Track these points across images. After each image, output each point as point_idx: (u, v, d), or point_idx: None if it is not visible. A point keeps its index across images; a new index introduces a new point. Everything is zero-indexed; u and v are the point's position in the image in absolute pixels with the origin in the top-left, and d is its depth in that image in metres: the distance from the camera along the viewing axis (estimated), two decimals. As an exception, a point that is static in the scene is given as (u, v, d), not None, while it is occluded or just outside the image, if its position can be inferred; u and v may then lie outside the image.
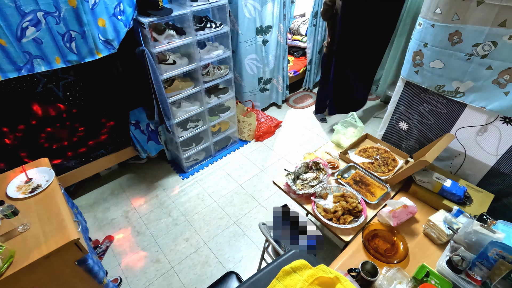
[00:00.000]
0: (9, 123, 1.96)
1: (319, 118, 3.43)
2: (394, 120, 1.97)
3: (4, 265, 1.15)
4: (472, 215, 1.35)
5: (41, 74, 1.92)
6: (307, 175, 1.68)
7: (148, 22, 1.88)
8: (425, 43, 1.55)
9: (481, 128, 1.56)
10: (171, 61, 2.18)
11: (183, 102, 2.45)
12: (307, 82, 3.91)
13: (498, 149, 1.54)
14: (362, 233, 1.35)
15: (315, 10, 3.32)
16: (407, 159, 1.81)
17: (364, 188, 1.61)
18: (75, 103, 2.15)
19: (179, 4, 2.13)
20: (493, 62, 1.37)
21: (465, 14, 1.35)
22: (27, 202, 1.44)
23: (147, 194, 2.59)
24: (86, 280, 1.45)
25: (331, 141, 2.01)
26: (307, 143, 3.12)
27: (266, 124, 3.19)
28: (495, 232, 1.12)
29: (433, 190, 1.52)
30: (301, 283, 0.89)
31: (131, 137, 2.52)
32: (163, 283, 1.95)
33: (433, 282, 1.12)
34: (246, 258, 2.08)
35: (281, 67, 3.38)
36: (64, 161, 2.29)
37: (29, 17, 1.56)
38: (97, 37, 1.81)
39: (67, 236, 1.27)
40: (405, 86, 1.79)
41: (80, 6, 1.65)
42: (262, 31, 2.94)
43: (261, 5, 2.76)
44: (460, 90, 1.53)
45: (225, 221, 2.33)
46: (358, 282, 1.14)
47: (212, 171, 2.81)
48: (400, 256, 1.28)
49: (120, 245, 2.19)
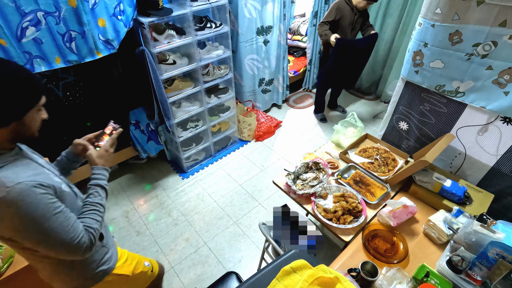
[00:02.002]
0: (9, 123, 1.96)
1: (319, 118, 3.43)
2: (394, 120, 1.97)
3: (4, 265, 1.15)
4: (472, 215, 1.35)
5: (41, 74, 1.92)
6: (307, 175, 1.68)
7: (148, 22, 1.88)
8: (425, 43, 1.55)
9: (482, 128, 1.55)
10: (171, 61, 2.18)
11: (183, 102, 2.45)
12: (307, 82, 3.91)
13: (498, 149, 1.54)
14: (362, 233, 1.35)
15: (315, 10, 3.32)
16: (407, 159, 1.81)
17: (364, 188, 1.61)
18: (75, 103, 2.15)
19: (179, 4, 2.13)
20: (493, 62, 1.37)
21: (465, 14, 1.35)
22: (27, 202, 1.44)
23: (147, 194, 2.59)
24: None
25: (331, 141, 2.01)
26: (307, 143, 3.12)
27: (266, 124, 3.19)
28: (495, 232, 1.12)
29: (433, 190, 1.52)
30: (301, 283, 0.89)
31: (131, 137, 2.52)
32: (163, 283, 1.95)
33: (433, 282, 1.12)
34: (246, 258, 2.08)
35: (281, 67, 3.38)
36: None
37: (29, 17, 1.56)
38: (97, 37, 1.81)
39: (67, 236, 1.27)
40: (405, 86, 1.79)
41: (80, 6, 1.66)
42: (263, 32, 2.94)
43: (261, 5, 2.76)
44: (460, 90, 1.53)
45: (225, 221, 2.33)
46: (358, 282, 1.14)
47: (212, 171, 2.81)
48: (400, 256, 1.28)
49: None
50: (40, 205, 0.78)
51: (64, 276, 1.02)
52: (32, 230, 0.79)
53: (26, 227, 0.78)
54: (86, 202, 0.96)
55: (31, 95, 0.82)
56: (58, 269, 0.98)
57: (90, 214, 0.93)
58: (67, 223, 0.83)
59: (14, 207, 0.75)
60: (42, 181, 0.81)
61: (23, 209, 0.76)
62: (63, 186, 0.91)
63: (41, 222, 0.78)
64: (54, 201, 0.83)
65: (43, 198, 0.79)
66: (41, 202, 0.79)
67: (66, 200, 0.90)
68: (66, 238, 0.83)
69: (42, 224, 0.79)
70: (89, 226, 0.90)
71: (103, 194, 1.00)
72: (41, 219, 0.78)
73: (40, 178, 0.82)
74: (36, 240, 0.81)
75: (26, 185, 0.76)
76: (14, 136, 0.82)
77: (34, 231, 0.79)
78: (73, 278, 1.03)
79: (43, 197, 0.79)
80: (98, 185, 0.99)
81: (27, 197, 0.76)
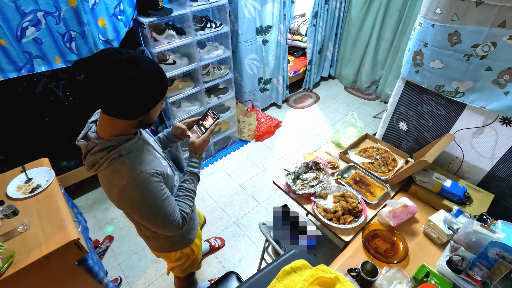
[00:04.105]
0: (9, 123, 1.96)
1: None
2: (394, 120, 1.97)
3: (4, 265, 1.15)
4: (472, 215, 1.35)
5: (41, 74, 1.92)
6: (307, 175, 1.68)
7: (148, 22, 1.88)
8: (425, 43, 1.55)
9: (478, 130, 1.55)
10: (171, 61, 2.18)
11: (183, 102, 2.45)
12: (307, 82, 3.91)
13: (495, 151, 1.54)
14: (362, 233, 1.35)
15: (315, 10, 3.32)
16: (407, 159, 1.81)
17: (364, 188, 1.61)
18: (75, 103, 2.15)
19: (179, 4, 2.13)
20: (493, 63, 1.37)
21: (464, 14, 1.35)
22: (27, 202, 1.44)
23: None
24: (86, 280, 1.45)
25: (331, 141, 2.01)
26: (307, 143, 3.12)
27: (266, 124, 3.19)
28: (495, 232, 1.12)
29: (433, 190, 1.52)
30: (301, 283, 0.89)
31: (131, 137, 2.52)
32: (163, 283, 1.95)
33: (433, 282, 1.12)
34: (246, 258, 2.08)
35: (281, 67, 3.38)
36: (64, 161, 2.29)
37: (29, 17, 1.56)
38: (97, 37, 1.81)
39: (67, 236, 1.27)
40: (405, 86, 1.79)
41: (80, 6, 1.65)
42: (262, 31, 2.94)
43: (261, 5, 2.77)
44: (460, 90, 1.53)
45: (225, 221, 2.33)
46: (358, 282, 1.14)
47: (212, 171, 2.81)
48: (400, 256, 1.28)
49: (120, 245, 2.19)
50: (154, 192, 0.92)
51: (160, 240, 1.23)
52: (145, 212, 0.94)
53: (141, 209, 0.93)
54: (181, 187, 1.11)
55: (162, 91, 0.88)
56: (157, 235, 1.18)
57: (185, 199, 1.08)
58: (170, 207, 0.98)
59: (136, 191, 0.88)
60: (157, 170, 0.94)
61: (142, 195, 0.90)
62: (168, 171, 1.03)
63: (153, 206, 0.93)
64: (163, 187, 0.96)
65: (157, 186, 0.93)
66: (155, 189, 0.92)
67: (168, 182, 1.02)
68: (168, 220, 0.98)
69: (153, 208, 0.93)
70: (183, 210, 1.05)
71: (197, 181, 1.15)
72: (153, 204, 0.93)
73: (156, 166, 0.94)
74: (146, 220, 0.97)
75: (147, 174, 0.89)
76: (138, 125, 0.93)
77: (146, 213, 0.94)
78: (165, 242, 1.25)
79: (157, 185, 0.93)
80: (194, 173, 1.13)
81: (147, 185, 0.90)
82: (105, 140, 0.86)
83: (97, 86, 0.76)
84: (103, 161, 0.86)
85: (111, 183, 0.88)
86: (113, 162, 0.86)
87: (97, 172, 0.90)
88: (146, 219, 0.96)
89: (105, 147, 0.86)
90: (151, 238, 1.23)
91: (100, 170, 0.88)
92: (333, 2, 3.46)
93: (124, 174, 0.86)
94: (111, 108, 0.81)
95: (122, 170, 0.86)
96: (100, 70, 0.75)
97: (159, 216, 0.96)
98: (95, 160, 0.87)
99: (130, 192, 0.88)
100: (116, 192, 0.88)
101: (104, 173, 0.89)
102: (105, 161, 0.86)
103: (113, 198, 0.92)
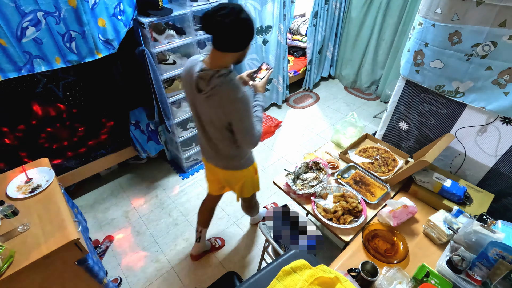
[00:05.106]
0: (9, 123, 1.96)
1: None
2: (394, 120, 1.97)
3: (4, 265, 1.15)
4: (472, 215, 1.35)
5: (41, 74, 1.92)
6: (307, 175, 1.68)
7: (148, 22, 1.88)
8: (425, 42, 1.55)
9: (481, 128, 1.56)
10: (171, 61, 2.18)
11: (183, 102, 2.45)
12: (307, 82, 3.91)
13: (498, 149, 1.54)
14: (362, 233, 1.35)
15: (315, 10, 3.32)
16: (407, 159, 1.81)
17: (364, 188, 1.61)
18: (75, 103, 2.15)
19: (179, 4, 2.13)
20: (493, 63, 1.37)
21: (464, 14, 1.35)
22: (27, 202, 1.44)
23: (147, 194, 2.59)
24: (86, 280, 1.45)
25: (331, 141, 2.01)
26: (307, 143, 3.12)
27: (266, 124, 3.19)
28: (495, 232, 1.12)
29: (433, 190, 1.52)
30: (301, 283, 0.89)
31: (131, 137, 2.52)
32: (163, 283, 1.95)
33: (433, 282, 1.12)
34: (246, 258, 2.08)
35: (281, 67, 3.38)
36: (64, 161, 2.29)
37: (29, 17, 1.56)
38: (97, 37, 1.81)
39: (67, 236, 1.27)
40: (406, 85, 1.79)
41: (80, 6, 1.65)
42: (262, 31, 2.94)
43: (261, 5, 2.76)
44: (460, 90, 1.53)
45: (225, 221, 2.33)
46: (358, 282, 1.14)
47: (212, 171, 2.81)
48: (400, 256, 1.28)
49: (120, 245, 2.19)
50: (250, 107, 1.25)
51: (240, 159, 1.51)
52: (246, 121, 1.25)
53: (244, 118, 1.23)
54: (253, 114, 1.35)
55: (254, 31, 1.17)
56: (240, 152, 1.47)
57: (258, 122, 1.34)
58: (255, 123, 1.30)
59: (245, 103, 1.20)
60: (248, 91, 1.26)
61: (246, 107, 1.22)
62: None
63: (250, 117, 1.25)
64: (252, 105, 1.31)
65: (251, 105, 1.26)
66: (251, 106, 1.26)
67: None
68: (254, 132, 1.29)
69: (250, 118, 1.25)
70: (258, 130, 1.32)
71: (262, 110, 1.43)
72: (250, 116, 1.25)
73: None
74: (245, 129, 1.26)
75: (248, 93, 1.22)
76: (234, 61, 1.23)
77: (246, 122, 1.25)
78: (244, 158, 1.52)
79: (251, 104, 1.26)
80: (260, 105, 1.42)
81: (249, 102, 1.23)
82: (223, 68, 1.18)
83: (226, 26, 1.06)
84: (228, 79, 1.17)
85: (229, 96, 1.18)
86: (231, 82, 1.18)
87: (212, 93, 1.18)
88: (245, 128, 1.26)
89: (225, 72, 1.18)
90: (235, 157, 1.48)
91: (221, 88, 1.17)
92: (333, 2, 3.46)
93: (238, 91, 1.18)
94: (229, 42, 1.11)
95: (237, 87, 1.18)
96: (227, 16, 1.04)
97: (252, 127, 1.27)
98: (220, 81, 1.16)
99: (241, 104, 1.19)
100: (232, 102, 1.18)
101: (223, 89, 1.17)
102: (227, 81, 1.17)
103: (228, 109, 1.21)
